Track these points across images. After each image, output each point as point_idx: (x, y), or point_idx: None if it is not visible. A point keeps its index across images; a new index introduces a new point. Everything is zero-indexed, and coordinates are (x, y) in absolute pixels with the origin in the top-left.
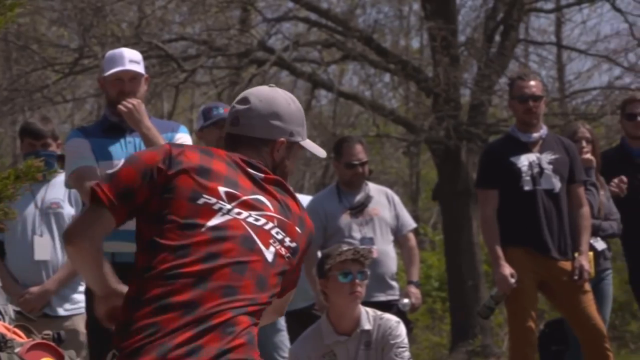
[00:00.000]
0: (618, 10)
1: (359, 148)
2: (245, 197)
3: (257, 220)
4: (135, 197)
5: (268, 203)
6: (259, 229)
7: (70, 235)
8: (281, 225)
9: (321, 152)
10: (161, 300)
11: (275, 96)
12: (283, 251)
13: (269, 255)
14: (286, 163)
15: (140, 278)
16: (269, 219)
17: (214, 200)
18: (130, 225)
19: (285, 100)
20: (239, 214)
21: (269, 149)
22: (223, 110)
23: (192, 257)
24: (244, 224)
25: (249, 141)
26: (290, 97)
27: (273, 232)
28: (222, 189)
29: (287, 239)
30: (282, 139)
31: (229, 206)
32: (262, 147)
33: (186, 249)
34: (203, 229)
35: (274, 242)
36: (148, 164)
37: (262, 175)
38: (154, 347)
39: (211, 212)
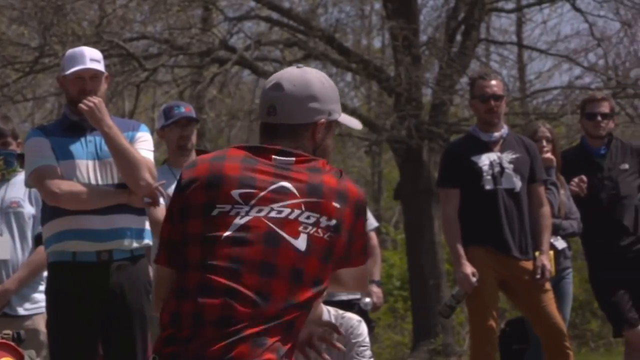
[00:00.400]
0: (578, 10)
1: None
2: (263, 193)
3: (279, 212)
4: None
5: (293, 189)
6: (283, 221)
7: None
8: (312, 208)
9: (357, 124)
10: (196, 318)
11: (308, 78)
12: (320, 233)
13: (301, 244)
14: (327, 142)
15: (176, 298)
16: (294, 206)
17: (228, 207)
18: (92, 224)
19: (319, 79)
20: (259, 211)
21: (310, 132)
22: (184, 109)
23: (217, 272)
24: (265, 221)
25: (289, 128)
26: (322, 75)
27: (302, 218)
28: (235, 192)
29: (323, 218)
30: (322, 120)
31: (246, 207)
32: (302, 132)
33: (211, 265)
34: (221, 240)
35: (306, 228)
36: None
37: (293, 159)
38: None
39: (228, 219)
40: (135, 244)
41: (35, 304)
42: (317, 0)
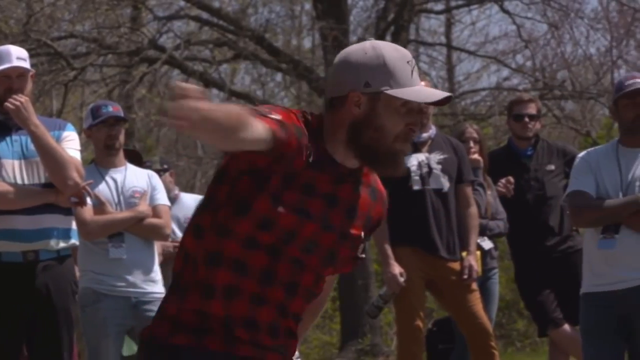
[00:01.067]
0: (506, 12)
1: None
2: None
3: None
4: None
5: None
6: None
7: None
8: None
9: (429, 96)
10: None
11: (354, 47)
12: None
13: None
14: (378, 122)
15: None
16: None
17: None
18: (18, 224)
19: (363, 49)
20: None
21: (345, 108)
22: (112, 108)
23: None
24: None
25: (327, 105)
26: (374, 45)
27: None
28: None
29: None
30: (355, 92)
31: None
32: (338, 108)
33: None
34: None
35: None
36: None
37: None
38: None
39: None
40: (61, 244)
41: None
42: (247, 0)
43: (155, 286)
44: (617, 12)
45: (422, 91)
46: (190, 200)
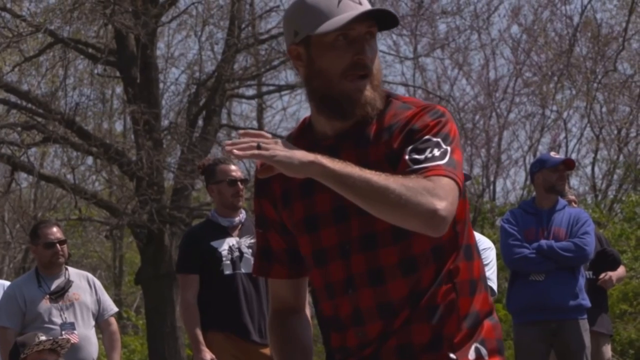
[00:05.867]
0: None
1: (55, 229)
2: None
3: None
4: None
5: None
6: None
7: None
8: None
9: (347, 16)
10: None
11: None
12: None
13: None
14: (317, 66)
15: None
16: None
17: None
18: None
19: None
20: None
21: (298, 71)
22: None
23: None
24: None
25: None
26: None
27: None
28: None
29: None
30: (291, 45)
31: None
32: (297, 69)
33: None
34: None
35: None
36: None
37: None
38: None
39: None
40: None
41: None
42: (57, 83)
43: None
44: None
45: (344, 16)
46: None
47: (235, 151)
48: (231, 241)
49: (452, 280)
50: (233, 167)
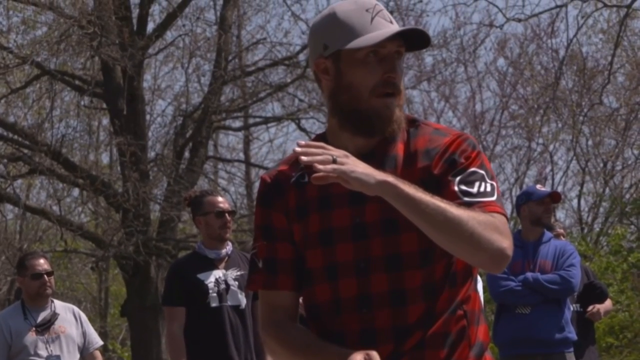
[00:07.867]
0: (303, 130)
1: (43, 260)
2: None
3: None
4: None
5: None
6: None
7: None
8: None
9: (381, 34)
10: None
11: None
12: None
13: None
14: (346, 81)
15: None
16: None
17: None
18: None
19: (321, 13)
20: None
21: (322, 83)
22: None
23: None
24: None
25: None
26: (331, 5)
27: None
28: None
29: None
30: (319, 59)
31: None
32: (321, 87)
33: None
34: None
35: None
36: None
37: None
38: None
39: None
40: None
41: None
42: (43, 115)
43: None
44: None
45: (379, 33)
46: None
47: (317, 165)
48: (218, 273)
49: (463, 308)
50: (220, 198)
